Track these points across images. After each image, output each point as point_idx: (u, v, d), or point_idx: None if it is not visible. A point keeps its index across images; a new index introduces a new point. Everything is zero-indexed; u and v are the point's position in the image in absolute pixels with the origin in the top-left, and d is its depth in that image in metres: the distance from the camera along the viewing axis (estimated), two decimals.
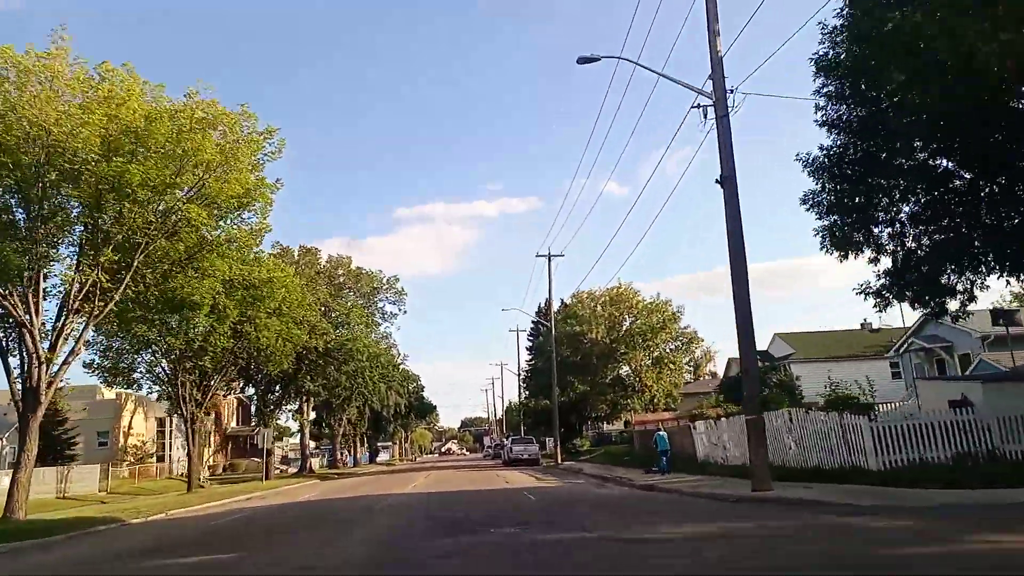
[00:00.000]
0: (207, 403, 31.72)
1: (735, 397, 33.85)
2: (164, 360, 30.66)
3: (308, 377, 43.92)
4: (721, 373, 67.11)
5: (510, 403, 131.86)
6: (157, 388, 31.77)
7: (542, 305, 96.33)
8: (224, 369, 32.41)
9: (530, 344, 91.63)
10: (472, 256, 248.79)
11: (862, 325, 44.63)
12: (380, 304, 57.60)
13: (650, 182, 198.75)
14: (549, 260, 46.41)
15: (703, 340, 46.55)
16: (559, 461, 44.73)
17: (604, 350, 47.10)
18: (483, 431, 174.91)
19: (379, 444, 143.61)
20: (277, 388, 42.27)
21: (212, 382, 31.77)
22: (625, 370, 48.95)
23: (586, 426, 59.28)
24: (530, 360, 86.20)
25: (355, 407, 65.76)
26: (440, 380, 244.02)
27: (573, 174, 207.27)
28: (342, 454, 79.97)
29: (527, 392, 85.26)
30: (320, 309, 41.03)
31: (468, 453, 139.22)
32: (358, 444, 75.93)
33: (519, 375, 79.74)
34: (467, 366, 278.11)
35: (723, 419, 24.56)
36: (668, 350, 46.77)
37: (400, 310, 58.25)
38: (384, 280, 55.63)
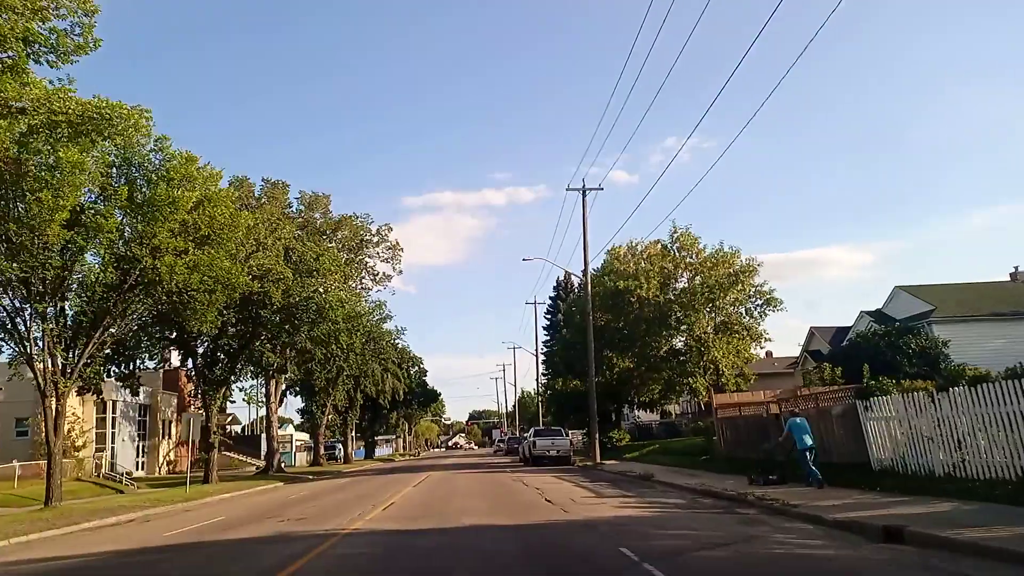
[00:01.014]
0: (78, 368, 20.57)
1: (850, 370, 22.72)
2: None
3: (268, 346, 32.92)
4: (775, 351, 55.73)
5: (523, 392, 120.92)
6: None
7: (560, 279, 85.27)
8: (108, 319, 21.21)
9: (548, 321, 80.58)
10: (481, 246, 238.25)
11: (1013, 275, 33.20)
12: (370, 262, 46.47)
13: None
14: (584, 194, 35.20)
15: (781, 301, 34.87)
16: (598, 460, 33.64)
17: (655, 314, 35.77)
18: (492, 424, 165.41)
19: (380, 437, 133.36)
20: (222, 358, 31.29)
21: (88, 337, 20.67)
22: (681, 342, 37.54)
23: (623, 415, 48.20)
24: (548, 341, 75.26)
25: (342, 391, 54.81)
26: (447, 373, 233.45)
27: (579, 161, 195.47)
28: (333, 447, 68.97)
29: (547, 375, 74.30)
30: (278, 252, 30.01)
31: (476, 447, 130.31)
32: (350, 436, 64.82)
33: (536, 355, 68.63)
34: (475, 359, 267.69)
35: (955, 391, 13.19)
36: (741, 312, 35.49)
37: (395, 270, 47.07)
38: (374, 230, 44.53)
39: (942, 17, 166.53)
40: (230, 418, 62.14)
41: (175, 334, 29.25)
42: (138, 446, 49.62)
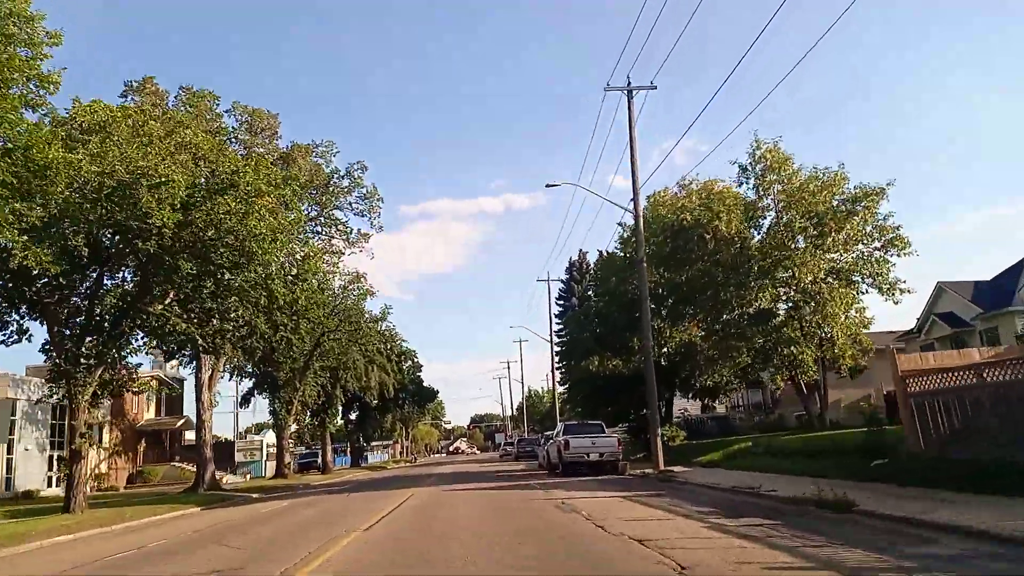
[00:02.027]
0: None
1: None
2: None
3: (177, 309, 22.36)
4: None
5: (529, 391, 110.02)
6: None
7: (574, 259, 74.75)
8: None
9: (560, 308, 69.87)
10: (478, 253, 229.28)
11: None
12: (342, 216, 35.98)
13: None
14: (629, 95, 24.64)
15: (908, 243, 24.34)
16: (661, 466, 23.14)
17: (736, 261, 25.25)
18: (495, 428, 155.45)
19: (376, 443, 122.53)
20: (101, 322, 20.62)
21: None
22: (774, 299, 26.86)
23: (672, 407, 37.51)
24: (561, 332, 64.79)
25: (314, 385, 44.18)
26: (448, 380, 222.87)
27: (579, 171, 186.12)
28: (314, 455, 58.12)
29: (561, 366, 63.51)
30: (182, 160, 19.49)
31: (479, 452, 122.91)
32: (328, 440, 54.16)
33: (551, 338, 58.11)
34: (476, 362, 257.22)
35: None
36: (857, 256, 24.93)
37: (373, 226, 36.46)
38: (340, 169, 33.81)
39: None
40: (182, 421, 51.42)
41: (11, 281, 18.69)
42: (50, 457, 38.97)
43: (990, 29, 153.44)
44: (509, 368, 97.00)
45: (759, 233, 26.03)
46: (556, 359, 62.93)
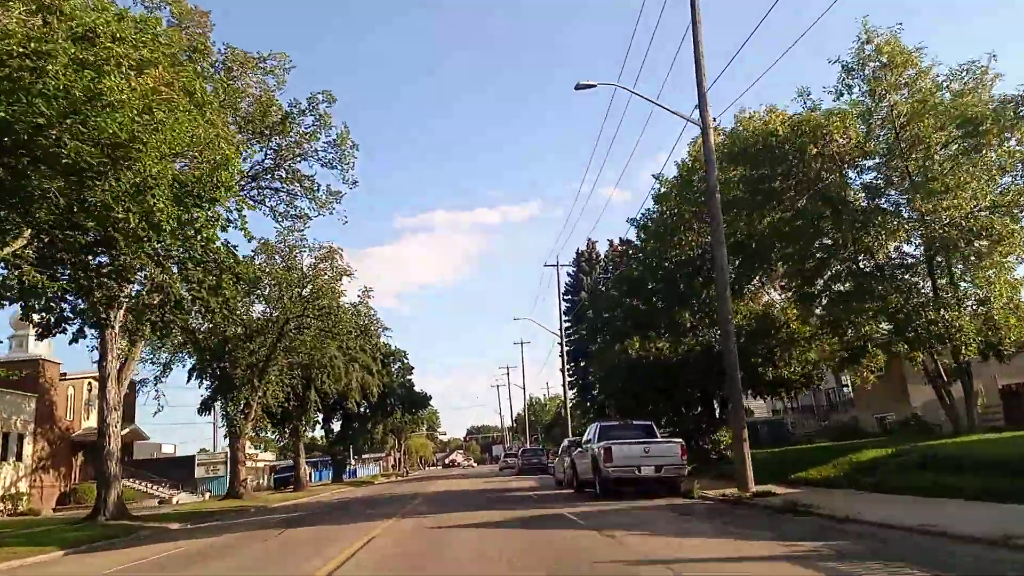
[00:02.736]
0: None
1: None
2: None
3: (37, 249, 14.85)
4: None
5: (531, 399, 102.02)
6: None
7: (582, 250, 67.10)
8: None
9: (568, 303, 62.08)
10: (474, 265, 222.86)
11: None
12: (309, 168, 28.58)
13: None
14: None
15: None
16: (751, 487, 15.60)
17: (841, 194, 17.68)
18: (491, 440, 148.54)
19: (367, 454, 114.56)
20: None
21: None
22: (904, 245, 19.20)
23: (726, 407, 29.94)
24: (569, 330, 57.35)
25: (277, 384, 36.45)
26: (444, 393, 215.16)
27: (581, 178, 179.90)
28: (292, 469, 50.05)
29: (570, 369, 55.76)
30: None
31: (475, 465, 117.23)
32: (300, 452, 46.31)
33: (561, 329, 50.77)
34: (472, 377, 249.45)
35: None
36: (1006, 189, 17.55)
37: (346, 181, 28.89)
38: (301, 102, 26.18)
39: None
40: (128, 430, 43.50)
41: None
42: None
43: None
44: (508, 374, 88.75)
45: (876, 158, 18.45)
46: (566, 362, 55.60)
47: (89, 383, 44.08)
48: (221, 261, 17.25)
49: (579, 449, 21.29)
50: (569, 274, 65.47)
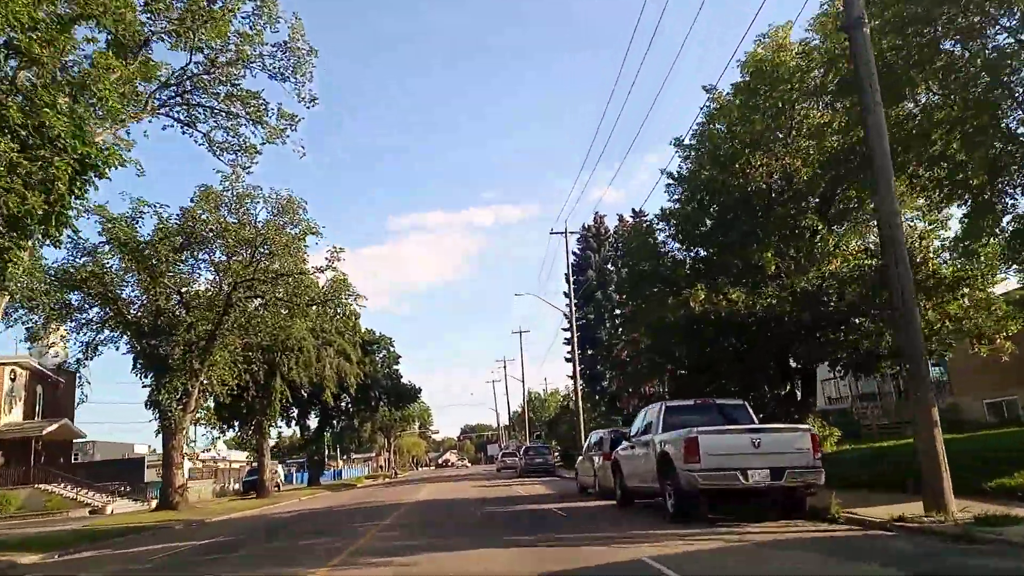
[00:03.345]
0: None
1: None
2: None
3: None
4: None
5: (529, 394, 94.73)
6: None
7: (589, 225, 60.40)
8: None
9: (574, 284, 55.25)
10: (469, 266, 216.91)
11: None
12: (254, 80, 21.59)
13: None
14: None
15: None
16: (954, 509, 8.85)
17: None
18: (487, 439, 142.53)
19: (356, 455, 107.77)
20: None
21: None
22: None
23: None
24: (581, 306, 50.94)
25: (227, 369, 29.48)
26: (438, 392, 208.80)
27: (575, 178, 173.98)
28: (257, 472, 42.69)
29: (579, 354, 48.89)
30: None
31: (470, 465, 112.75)
32: (264, 451, 39.33)
33: (571, 301, 44.11)
34: (466, 376, 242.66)
35: None
36: None
37: (302, 98, 22.01)
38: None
39: None
40: (57, 426, 36.37)
41: None
42: None
43: None
44: (506, 367, 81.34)
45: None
46: (573, 351, 48.90)
47: (12, 371, 37.10)
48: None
49: (627, 444, 14.45)
50: (575, 252, 58.47)
